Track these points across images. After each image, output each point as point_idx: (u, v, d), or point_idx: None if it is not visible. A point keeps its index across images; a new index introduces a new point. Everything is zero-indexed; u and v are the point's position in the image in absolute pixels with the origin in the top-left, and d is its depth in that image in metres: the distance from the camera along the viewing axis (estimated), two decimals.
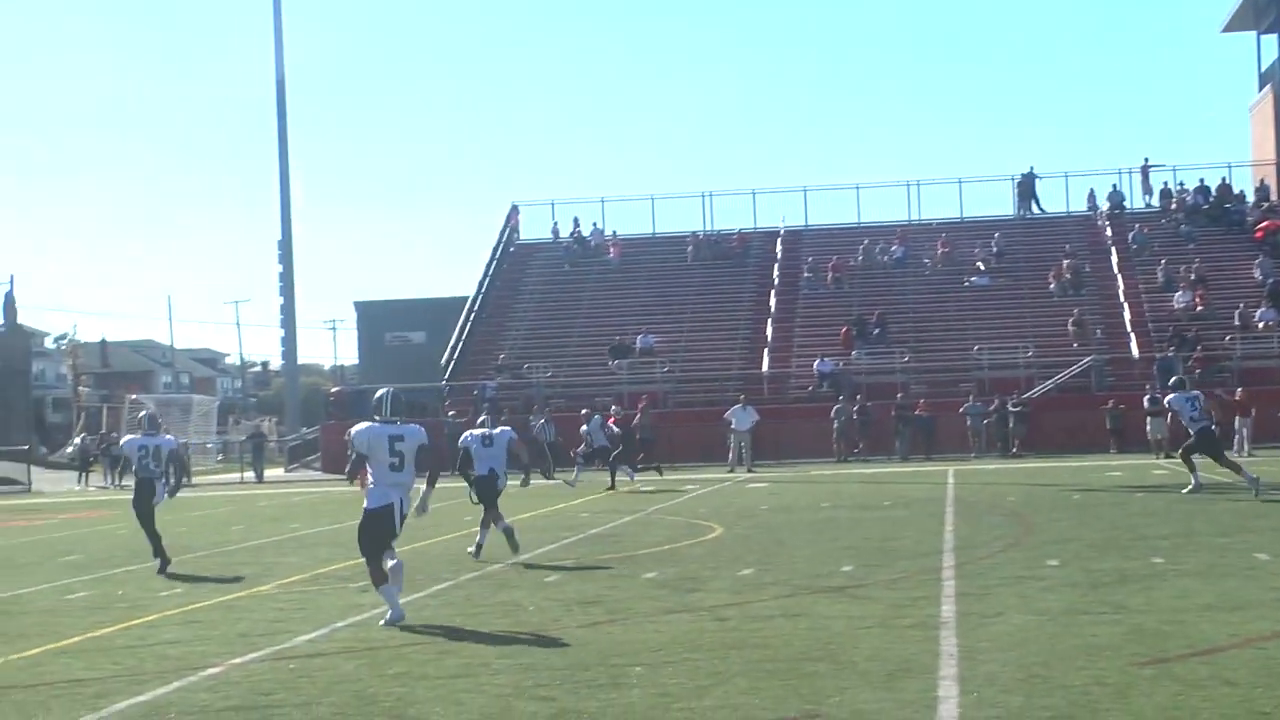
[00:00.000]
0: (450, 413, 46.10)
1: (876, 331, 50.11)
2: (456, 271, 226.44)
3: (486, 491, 18.56)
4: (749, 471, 38.91)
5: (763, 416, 42.25)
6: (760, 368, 49.50)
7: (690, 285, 56.38)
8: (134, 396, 72.20)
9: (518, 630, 11.91)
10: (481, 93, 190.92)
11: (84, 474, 50.64)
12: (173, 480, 18.98)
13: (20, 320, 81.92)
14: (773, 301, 53.84)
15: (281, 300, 60.71)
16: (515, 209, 62.46)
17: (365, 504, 12.96)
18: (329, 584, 15.95)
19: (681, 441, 43.43)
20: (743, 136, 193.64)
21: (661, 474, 34.74)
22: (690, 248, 58.62)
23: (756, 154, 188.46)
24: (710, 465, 40.73)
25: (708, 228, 59.93)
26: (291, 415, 60.50)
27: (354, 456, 13.32)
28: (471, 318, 55.63)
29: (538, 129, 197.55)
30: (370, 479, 13.06)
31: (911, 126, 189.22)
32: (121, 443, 20.28)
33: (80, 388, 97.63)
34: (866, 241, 56.65)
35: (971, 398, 43.49)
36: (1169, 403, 25.01)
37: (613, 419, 37.55)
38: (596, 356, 51.53)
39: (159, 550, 18.36)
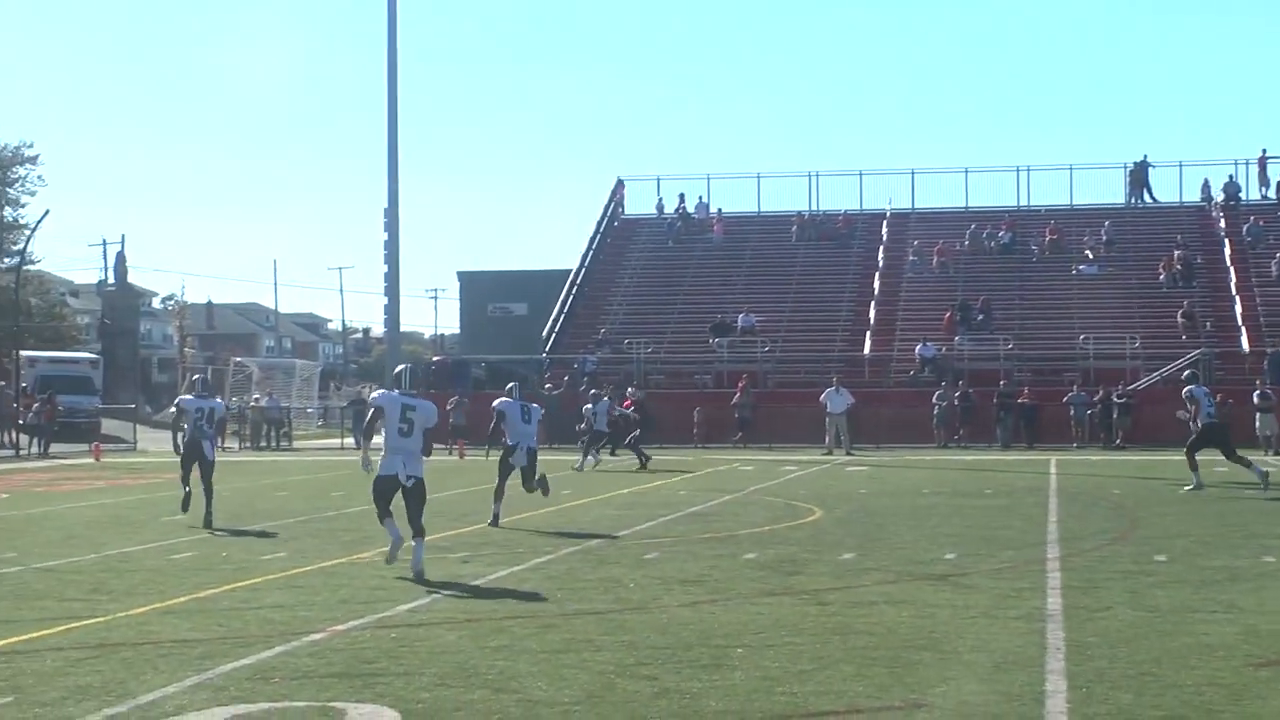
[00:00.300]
0: (548, 385, 46.28)
1: (981, 317, 49.65)
2: (560, 245, 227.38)
3: (518, 464, 19.71)
4: (846, 454, 38.69)
5: (861, 400, 41.99)
6: (862, 350, 49.23)
7: (794, 265, 56.16)
8: (238, 359, 73.12)
9: (619, 607, 11.88)
10: (590, 65, 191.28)
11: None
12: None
13: (129, 280, 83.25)
14: (876, 284, 53.50)
15: (386, 268, 61.01)
16: (621, 183, 62.48)
17: (378, 470, 14.43)
18: (430, 554, 15.93)
19: (780, 422, 43.24)
20: (851, 118, 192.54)
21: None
22: (795, 227, 58.40)
23: (864, 135, 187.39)
24: (809, 446, 40.52)
25: (813, 208, 59.66)
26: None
27: (370, 414, 14.91)
28: (574, 291, 55.72)
29: (645, 104, 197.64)
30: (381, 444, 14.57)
31: (1023, 112, 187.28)
32: (179, 401, 21.13)
33: (186, 349, 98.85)
34: (974, 226, 56.11)
35: (1075, 387, 42.95)
36: (1190, 392, 24.57)
37: (629, 401, 37.05)
38: (697, 334, 51.47)
39: (209, 513, 19.46)
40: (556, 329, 53.12)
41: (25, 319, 66.15)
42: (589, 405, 35.01)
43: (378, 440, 15.28)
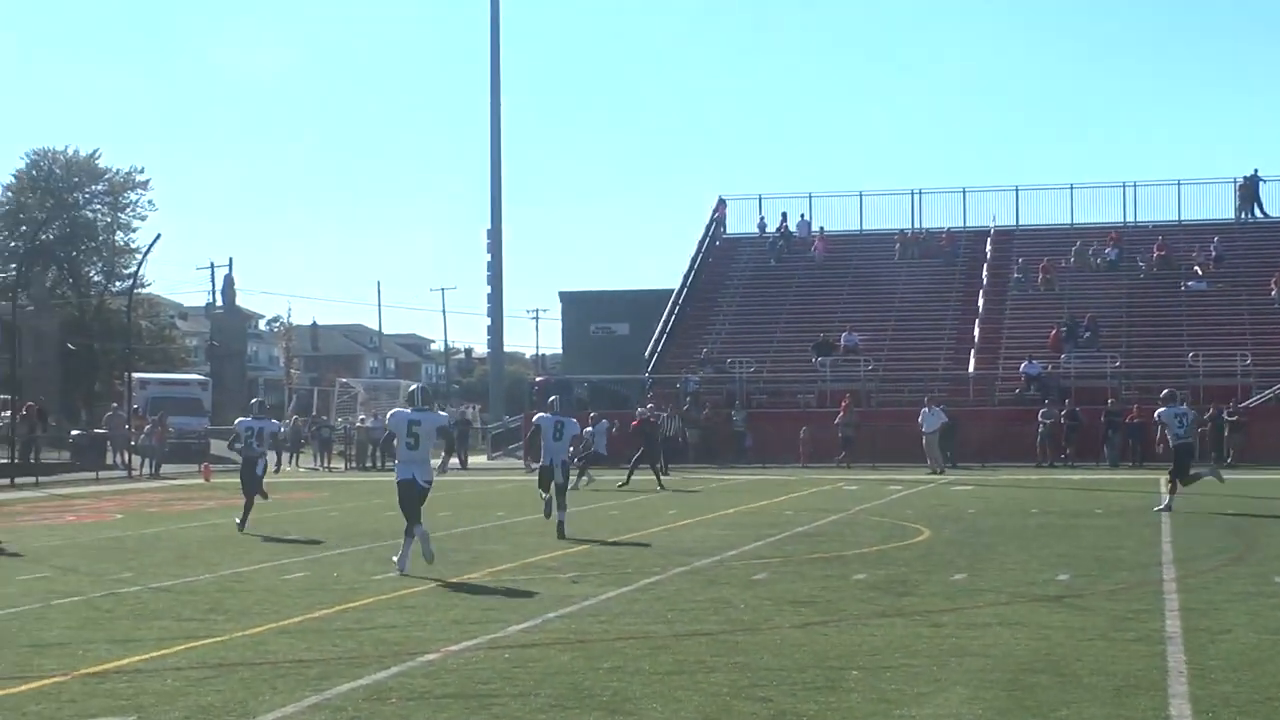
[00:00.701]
0: (650, 405, 46.28)
1: (1087, 335, 49.07)
2: (662, 264, 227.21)
3: (547, 479, 21.10)
4: (939, 473, 38.37)
5: (965, 418, 41.62)
6: (966, 369, 48.84)
7: (897, 283, 55.79)
8: (343, 380, 73.86)
9: (730, 628, 11.84)
10: (690, 85, 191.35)
11: (294, 455, 51.74)
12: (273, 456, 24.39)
13: (237, 302, 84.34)
14: (981, 302, 53.07)
15: (489, 289, 61.53)
16: (722, 202, 62.48)
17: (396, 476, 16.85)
18: (538, 573, 16.05)
19: (884, 442, 42.95)
20: (954, 134, 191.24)
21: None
22: (898, 245, 58.09)
23: (967, 152, 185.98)
24: (914, 466, 40.22)
25: (916, 225, 59.32)
26: (496, 403, 61.24)
27: (386, 433, 17.66)
28: (676, 311, 55.71)
29: (746, 122, 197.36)
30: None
31: (1129, 127, 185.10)
32: (236, 421, 24.21)
33: (291, 370, 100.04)
34: (1079, 243, 55.52)
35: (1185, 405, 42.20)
36: (1158, 416, 25.29)
37: (637, 421, 36.55)
38: (800, 353, 51.32)
39: (245, 517, 22.43)
40: (659, 348, 53.13)
41: (136, 341, 67.16)
42: (589, 428, 34.44)
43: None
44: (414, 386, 18.37)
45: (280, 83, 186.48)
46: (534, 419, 21.97)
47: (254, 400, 24.61)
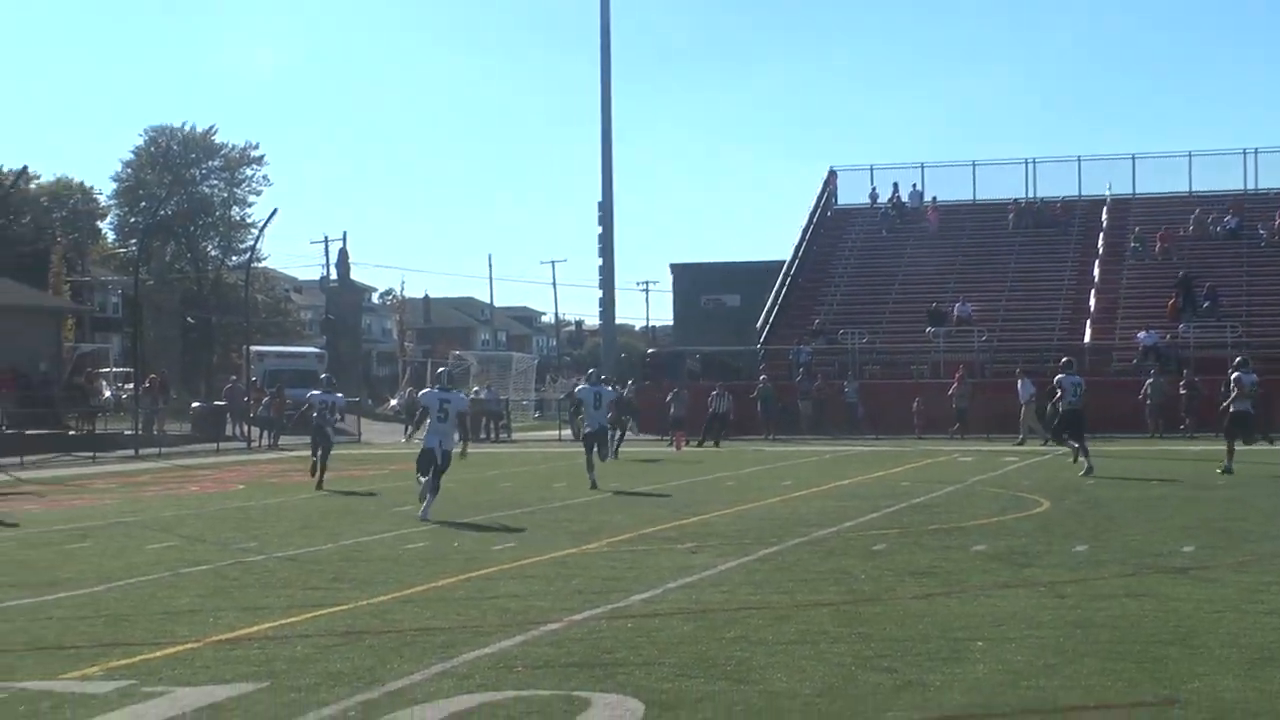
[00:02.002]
0: (762, 377, 46.29)
1: (1206, 304, 48.27)
2: (773, 236, 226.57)
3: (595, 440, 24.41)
4: (1019, 444, 37.81)
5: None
6: (1082, 339, 48.25)
7: (1010, 253, 55.28)
8: (456, 352, 74.40)
9: (851, 599, 11.82)
10: (802, 54, 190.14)
11: (408, 427, 52.09)
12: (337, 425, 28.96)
13: (351, 276, 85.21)
14: (1096, 271, 52.38)
15: (601, 261, 61.69)
16: (833, 173, 62.13)
17: (422, 443, 20.28)
18: (656, 544, 16.11)
19: (998, 413, 42.48)
20: (1068, 102, 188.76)
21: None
22: (1011, 215, 57.49)
23: (1082, 120, 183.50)
24: (1030, 437, 39.76)
25: (1030, 195, 58.66)
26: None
27: (419, 411, 20.91)
28: (788, 282, 55.50)
29: (858, 92, 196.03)
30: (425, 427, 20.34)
31: (1250, 91, 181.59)
32: (309, 395, 27.70)
33: (405, 343, 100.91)
34: (1198, 211, 54.62)
35: None
36: (1057, 381, 27.44)
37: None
38: (912, 323, 50.98)
39: (321, 479, 25.80)
40: (770, 320, 52.98)
41: (252, 315, 68.01)
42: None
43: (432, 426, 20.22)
44: (441, 369, 24.06)
45: (393, 56, 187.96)
46: (575, 391, 26.42)
47: (323, 376, 30.10)
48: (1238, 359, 27.81)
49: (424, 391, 22.52)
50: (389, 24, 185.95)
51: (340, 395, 28.07)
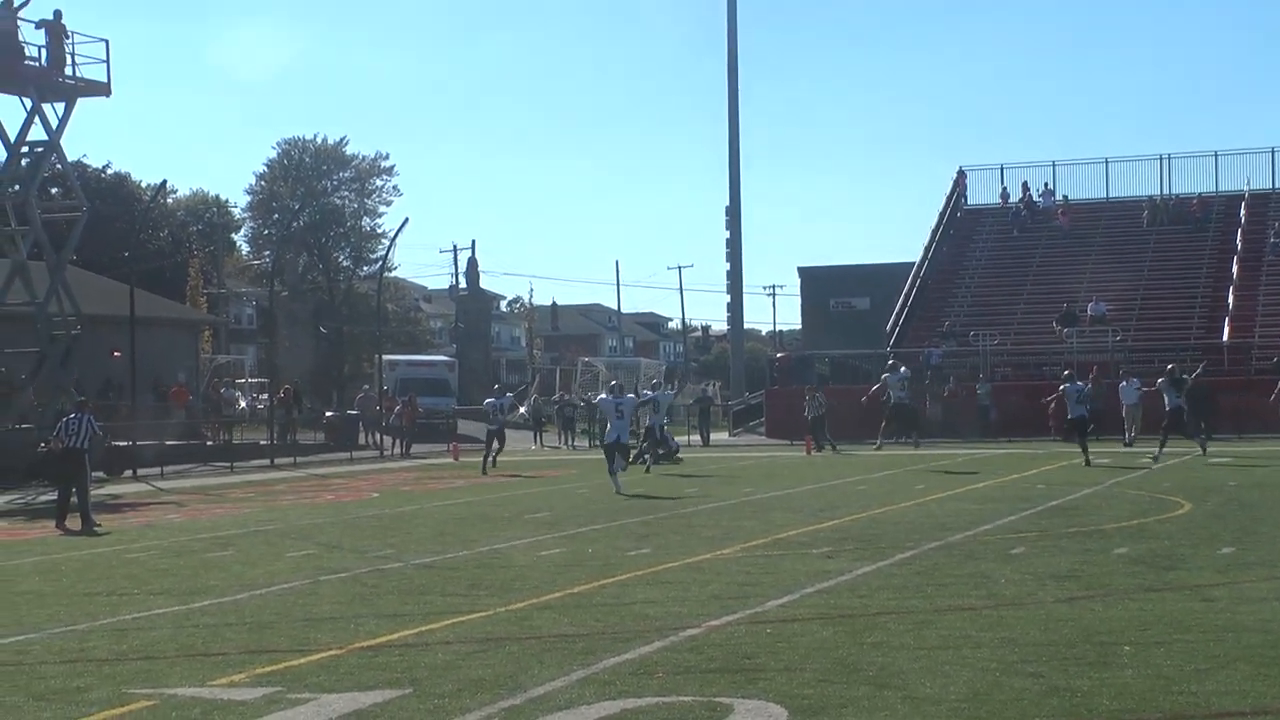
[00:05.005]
0: (885, 375, 45.86)
1: None
2: (902, 238, 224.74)
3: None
4: (1126, 446, 36.98)
5: (1220, 389, 40.18)
6: (1220, 337, 47.33)
7: (1145, 251, 54.38)
8: (585, 359, 74.66)
9: (992, 603, 11.65)
10: (930, 55, 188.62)
11: (538, 434, 52.44)
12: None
13: (480, 284, 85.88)
14: (1235, 268, 51.36)
15: (728, 266, 61.63)
16: (963, 173, 61.55)
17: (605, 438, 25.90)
18: (790, 549, 16.01)
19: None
20: (1203, 98, 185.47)
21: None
22: (1146, 212, 56.57)
23: (1217, 115, 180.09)
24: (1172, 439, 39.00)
25: (1165, 192, 57.68)
26: (736, 380, 61.33)
27: (599, 415, 24.70)
28: (917, 284, 55.04)
29: (987, 91, 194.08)
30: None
31: None
32: (486, 402, 34.67)
33: (534, 350, 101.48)
34: None
35: None
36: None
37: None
38: (1044, 324, 50.34)
39: (491, 461, 32.88)
40: (900, 322, 52.58)
41: (383, 324, 68.79)
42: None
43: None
44: (614, 382, 30.93)
45: (519, 63, 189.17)
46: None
47: (497, 386, 39.57)
48: (1065, 372, 32.06)
49: (600, 398, 28.56)
50: (515, 31, 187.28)
51: (510, 395, 37.11)
